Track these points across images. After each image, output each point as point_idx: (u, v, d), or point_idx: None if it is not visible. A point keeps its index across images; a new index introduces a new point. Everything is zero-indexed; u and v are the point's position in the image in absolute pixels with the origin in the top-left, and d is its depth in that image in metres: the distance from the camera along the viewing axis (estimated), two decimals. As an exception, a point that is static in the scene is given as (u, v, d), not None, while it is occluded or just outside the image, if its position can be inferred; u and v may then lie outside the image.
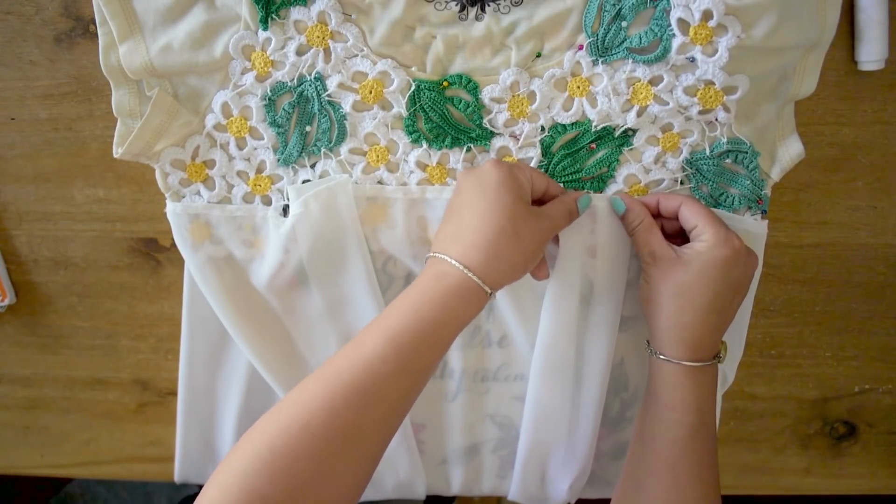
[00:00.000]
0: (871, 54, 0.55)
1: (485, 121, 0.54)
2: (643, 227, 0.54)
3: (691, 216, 0.52)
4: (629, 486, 0.55)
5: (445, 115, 0.54)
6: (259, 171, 0.57)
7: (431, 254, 0.50)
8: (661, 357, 0.53)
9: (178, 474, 0.69)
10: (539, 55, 0.52)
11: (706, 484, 0.52)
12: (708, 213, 0.52)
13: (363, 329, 0.48)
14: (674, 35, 0.50)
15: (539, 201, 0.54)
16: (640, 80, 0.52)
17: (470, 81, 0.53)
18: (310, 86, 0.53)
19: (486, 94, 0.53)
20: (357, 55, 0.52)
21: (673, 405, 0.52)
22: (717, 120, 0.53)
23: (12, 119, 0.61)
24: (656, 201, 0.55)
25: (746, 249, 0.52)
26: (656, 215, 0.55)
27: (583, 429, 0.64)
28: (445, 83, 0.53)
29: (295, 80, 0.53)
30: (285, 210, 0.57)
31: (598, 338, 0.60)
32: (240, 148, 0.56)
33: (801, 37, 0.50)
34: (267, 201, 0.58)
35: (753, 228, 0.56)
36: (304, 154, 0.56)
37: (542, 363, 0.60)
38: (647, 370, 0.63)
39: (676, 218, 0.54)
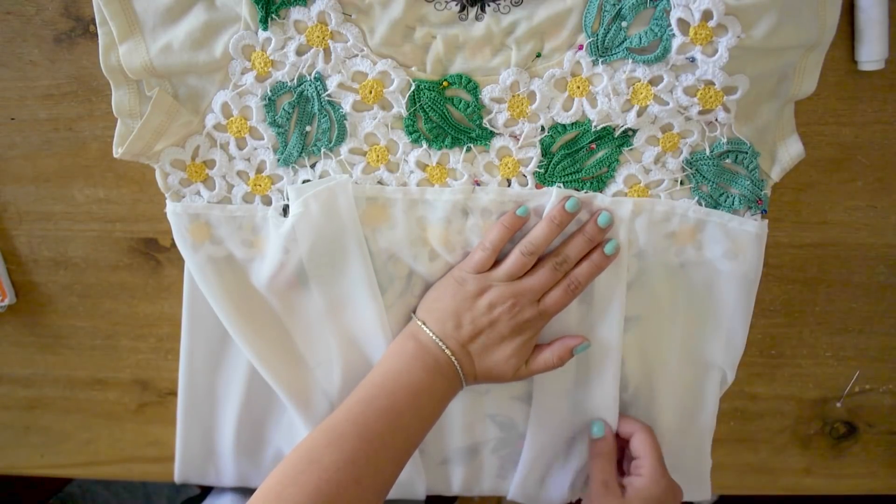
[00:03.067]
0: (871, 54, 0.55)
1: (485, 121, 0.54)
2: (604, 451, 0.61)
3: (639, 447, 0.60)
4: None
5: (445, 115, 0.54)
6: (259, 171, 0.57)
7: None
8: None
9: (178, 474, 0.69)
10: (539, 55, 0.52)
11: None
12: (653, 450, 0.60)
13: None
14: (674, 35, 0.50)
15: None
16: (640, 80, 0.52)
17: (470, 81, 0.53)
18: (310, 86, 0.53)
19: (486, 94, 0.53)
20: (357, 55, 0.52)
21: None
22: (717, 120, 0.53)
23: (12, 119, 0.61)
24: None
25: (674, 488, 0.59)
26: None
27: (584, 429, 0.64)
28: (445, 83, 0.53)
29: (295, 80, 0.53)
30: (285, 210, 0.57)
31: (599, 338, 0.60)
32: (240, 148, 0.56)
33: (801, 37, 0.50)
34: (267, 201, 0.58)
35: (753, 229, 0.56)
36: (304, 154, 0.56)
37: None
38: (647, 370, 0.63)
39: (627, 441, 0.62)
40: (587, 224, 0.56)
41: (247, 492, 0.72)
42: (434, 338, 0.56)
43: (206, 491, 0.75)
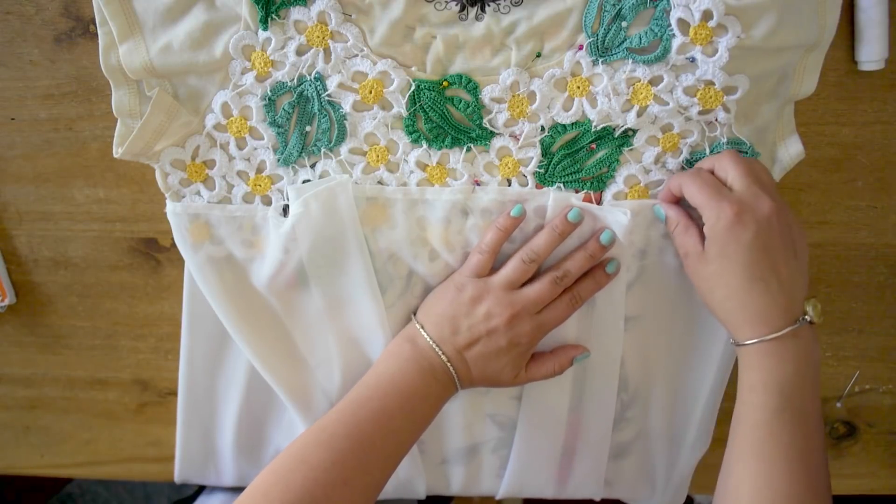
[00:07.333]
0: (871, 54, 0.55)
1: (485, 121, 0.54)
2: (679, 230, 0.53)
3: (690, 199, 0.52)
4: (723, 471, 0.53)
5: (445, 115, 0.54)
6: (259, 171, 0.57)
7: None
8: (736, 344, 0.51)
9: (178, 474, 0.69)
10: (539, 55, 0.52)
11: (797, 470, 0.49)
12: (702, 191, 0.50)
13: None
14: (674, 35, 0.50)
15: None
16: (640, 81, 0.52)
17: (470, 81, 0.53)
18: (310, 86, 0.53)
19: (486, 94, 0.53)
20: (357, 55, 0.52)
21: (753, 387, 0.50)
22: (717, 120, 0.53)
23: (12, 119, 0.61)
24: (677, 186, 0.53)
25: (747, 206, 0.49)
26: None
27: (584, 429, 0.64)
28: (445, 83, 0.53)
29: (295, 80, 0.53)
30: (285, 210, 0.57)
31: (598, 340, 0.60)
32: (240, 148, 0.56)
33: (801, 37, 0.50)
34: (267, 201, 0.58)
35: None
36: (304, 154, 0.56)
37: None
38: (647, 370, 0.63)
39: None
40: (589, 241, 0.56)
41: (240, 492, 0.72)
42: (430, 342, 0.56)
43: (199, 491, 0.75)
